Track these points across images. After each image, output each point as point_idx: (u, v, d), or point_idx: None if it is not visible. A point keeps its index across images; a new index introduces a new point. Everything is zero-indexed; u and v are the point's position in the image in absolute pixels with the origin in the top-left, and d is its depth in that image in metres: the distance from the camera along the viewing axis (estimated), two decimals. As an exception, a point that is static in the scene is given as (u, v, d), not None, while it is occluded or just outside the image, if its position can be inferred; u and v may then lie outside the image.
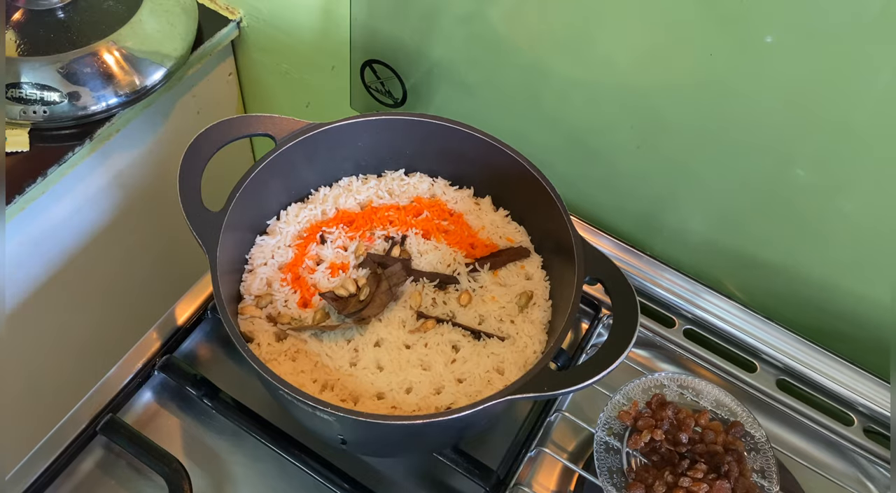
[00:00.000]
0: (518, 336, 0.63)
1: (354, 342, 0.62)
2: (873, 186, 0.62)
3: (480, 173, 0.71)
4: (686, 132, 0.68)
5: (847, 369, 0.71)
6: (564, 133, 0.76)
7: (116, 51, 0.79)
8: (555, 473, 0.66)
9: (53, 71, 0.76)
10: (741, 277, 0.76)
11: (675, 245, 0.78)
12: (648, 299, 0.76)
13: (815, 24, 0.55)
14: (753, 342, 0.73)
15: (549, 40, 0.70)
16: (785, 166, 0.65)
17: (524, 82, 0.75)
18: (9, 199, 0.74)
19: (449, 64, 0.79)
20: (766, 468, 0.61)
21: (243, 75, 1.03)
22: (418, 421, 0.52)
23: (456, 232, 0.69)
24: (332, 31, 0.87)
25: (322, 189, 0.71)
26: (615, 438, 0.62)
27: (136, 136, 0.89)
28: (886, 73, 0.54)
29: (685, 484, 0.58)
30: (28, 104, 0.76)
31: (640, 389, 0.65)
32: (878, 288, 0.68)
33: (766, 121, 0.62)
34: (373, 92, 0.87)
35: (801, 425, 0.71)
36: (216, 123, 0.64)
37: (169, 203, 0.68)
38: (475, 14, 0.72)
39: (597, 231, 0.79)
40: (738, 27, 0.58)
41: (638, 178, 0.75)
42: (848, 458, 0.69)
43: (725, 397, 0.65)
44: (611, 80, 0.69)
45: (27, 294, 0.86)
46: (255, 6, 0.92)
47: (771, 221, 0.70)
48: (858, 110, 0.57)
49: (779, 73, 0.59)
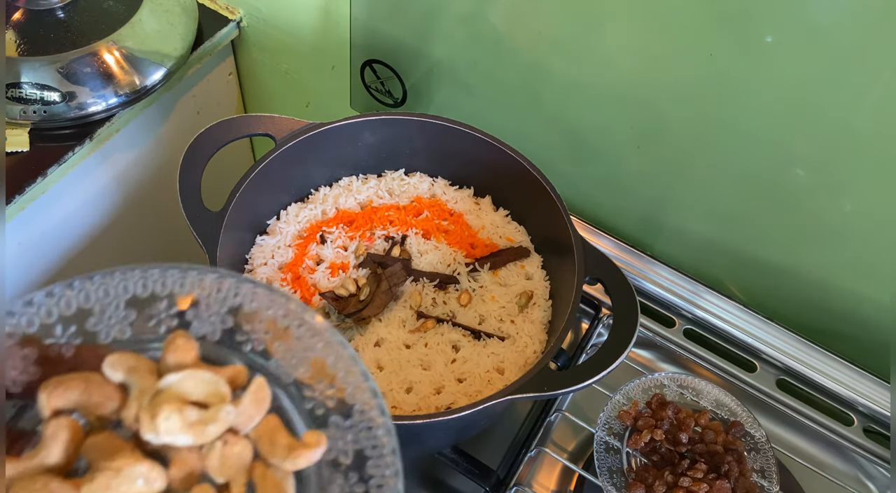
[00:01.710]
0: (518, 336, 0.63)
1: (354, 342, 0.62)
2: (873, 186, 0.61)
3: (480, 173, 0.71)
4: (686, 132, 0.68)
5: (847, 369, 0.71)
6: (564, 133, 0.76)
7: (116, 51, 0.79)
8: (555, 473, 0.66)
9: (53, 71, 0.76)
10: (741, 277, 0.76)
11: (676, 245, 0.78)
12: (648, 298, 0.76)
13: (815, 24, 0.54)
14: (753, 342, 0.73)
15: (549, 40, 0.70)
16: (785, 166, 0.65)
17: (524, 82, 0.75)
18: (8, 199, 0.74)
19: (449, 64, 0.79)
20: (766, 467, 0.61)
21: (243, 75, 1.03)
22: (418, 421, 0.52)
23: (456, 232, 0.69)
24: (332, 30, 0.87)
25: (322, 189, 0.71)
26: (615, 438, 0.62)
27: (135, 136, 0.88)
28: (886, 72, 0.54)
29: (685, 484, 0.58)
30: (28, 104, 0.76)
31: (640, 389, 0.65)
32: (878, 288, 0.68)
33: (766, 120, 0.62)
34: (373, 92, 0.87)
35: (801, 425, 0.71)
36: (216, 123, 0.64)
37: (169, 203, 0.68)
38: (475, 14, 0.72)
39: (597, 231, 0.79)
40: (739, 27, 0.58)
41: (638, 177, 0.75)
42: (848, 458, 0.69)
43: (725, 397, 0.65)
44: (611, 80, 0.69)
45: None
46: (255, 6, 0.92)
47: (771, 221, 0.70)
48: (859, 110, 0.57)
49: (779, 72, 0.59)
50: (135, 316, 0.30)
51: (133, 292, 0.30)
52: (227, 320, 0.31)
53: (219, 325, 0.31)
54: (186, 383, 0.28)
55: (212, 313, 0.31)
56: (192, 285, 0.31)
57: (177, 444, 0.27)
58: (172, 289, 0.31)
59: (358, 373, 0.30)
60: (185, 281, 0.31)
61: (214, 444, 0.27)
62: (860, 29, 0.53)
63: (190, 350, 0.29)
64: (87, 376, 0.28)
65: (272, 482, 0.27)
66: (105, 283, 0.30)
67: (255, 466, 0.28)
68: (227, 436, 0.28)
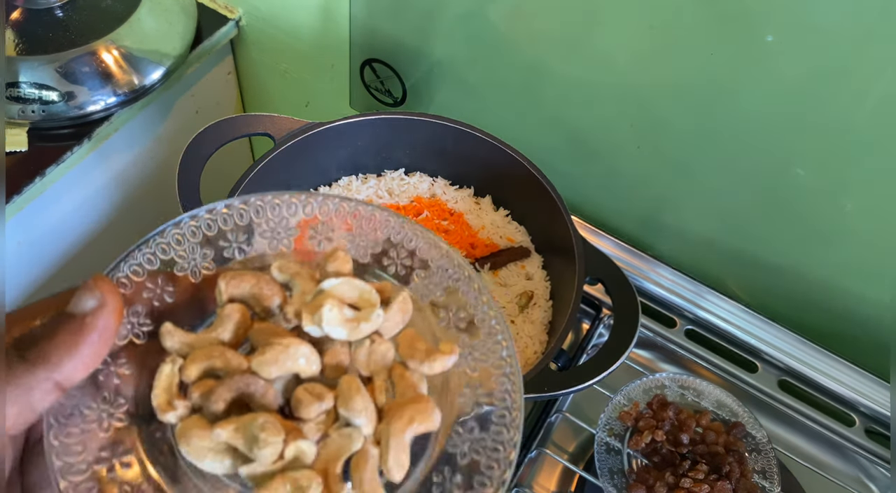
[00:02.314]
0: (518, 336, 0.63)
1: (354, 343, 0.62)
2: (874, 186, 0.61)
3: (480, 173, 0.70)
4: (687, 132, 0.68)
5: (849, 369, 0.71)
6: (565, 133, 0.76)
7: (115, 50, 0.79)
8: (555, 474, 0.66)
9: (52, 70, 0.76)
10: (742, 277, 0.76)
11: (677, 245, 0.78)
12: (649, 299, 0.76)
13: (816, 24, 0.54)
14: (755, 343, 0.73)
15: (550, 39, 0.69)
16: (786, 166, 0.64)
17: (524, 82, 0.74)
18: (7, 199, 0.73)
19: (449, 63, 0.78)
20: (767, 468, 0.61)
21: (242, 74, 1.03)
22: (418, 422, 0.52)
23: (456, 232, 0.69)
24: (331, 29, 0.87)
25: (321, 189, 0.71)
26: (616, 439, 0.62)
27: (134, 135, 0.88)
28: (888, 72, 0.54)
29: (686, 485, 0.57)
30: (26, 103, 0.76)
31: (641, 389, 0.65)
32: (879, 288, 0.68)
33: (767, 120, 0.62)
34: (372, 91, 0.87)
35: (802, 425, 0.70)
36: (215, 123, 0.64)
37: (168, 203, 0.68)
38: (475, 13, 0.72)
39: (597, 231, 0.78)
40: (739, 26, 0.58)
41: (638, 177, 0.75)
42: (849, 459, 0.69)
43: (727, 398, 0.64)
44: (611, 80, 0.69)
45: (27, 294, 0.86)
46: (254, 5, 0.91)
47: (772, 221, 0.70)
48: (860, 110, 0.57)
49: (780, 72, 0.58)
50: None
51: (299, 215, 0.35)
52: (377, 247, 0.35)
53: (369, 249, 0.35)
54: (343, 287, 0.32)
55: (364, 240, 0.36)
56: (348, 214, 0.36)
57: (332, 336, 0.31)
58: (321, 213, 0.36)
59: (485, 303, 0.33)
60: (342, 207, 0.35)
61: (363, 341, 0.31)
62: (861, 28, 0.53)
63: (347, 262, 0.33)
64: (257, 274, 0.32)
65: (409, 381, 0.31)
66: (268, 203, 0.35)
67: (395, 366, 0.31)
68: (375, 337, 0.31)
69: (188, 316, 0.32)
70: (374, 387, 0.31)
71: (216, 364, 0.30)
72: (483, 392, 0.32)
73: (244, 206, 0.35)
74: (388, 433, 0.29)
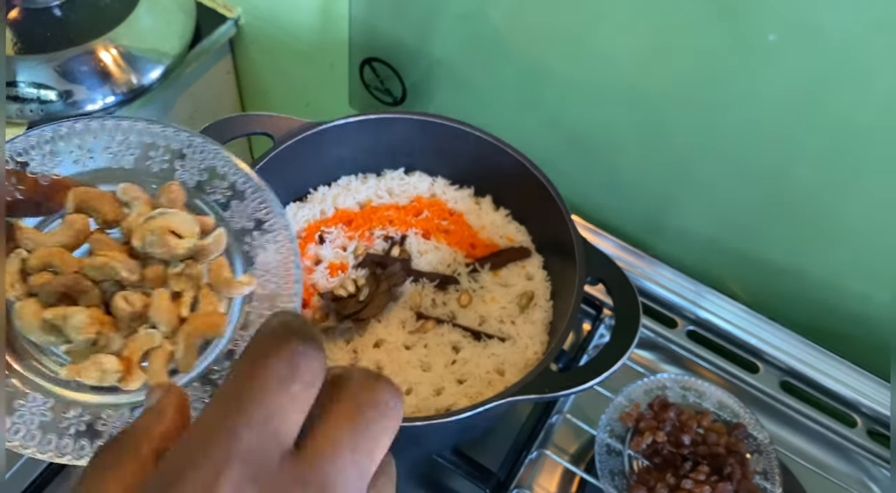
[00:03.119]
0: (519, 337, 0.62)
1: (354, 343, 0.62)
2: (876, 186, 0.61)
3: (481, 173, 0.70)
4: (688, 131, 0.68)
5: (850, 370, 0.71)
6: (565, 132, 0.76)
7: (113, 49, 0.78)
8: (556, 475, 0.65)
9: (50, 69, 0.75)
10: (744, 277, 0.76)
11: (678, 245, 0.78)
12: (650, 299, 0.75)
13: (819, 22, 0.54)
14: (756, 343, 0.73)
15: (550, 39, 0.69)
16: (787, 166, 0.64)
17: (524, 81, 0.74)
18: (5, 198, 0.73)
19: (449, 62, 0.78)
20: (768, 469, 0.61)
21: (241, 74, 1.03)
22: (418, 423, 0.52)
23: (456, 232, 0.68)
24: (330, 29, 0.87)
25: (321, 188, 0.71)
26: (617, 440, 0.62)
27: (133, 135, 0.88)
28: (890, 71, 0.53)
29: (687, 486, 0.57)
30: (24, 103, 0.75)
31: (642, 390, 0.65)
32: (881, 289, 0.68)
33: (768, 120, 0.62)
34: (372, 91, 0.87)
35: (804, 426, 0.70)
36: (214, 122, 0.64)
37: (166, 203, 0.67)
38: (475, 12, 0.71)
39: (598, 231, 0.78)
40: (741, 25, 0.58)
41: (639, 177, 0.74)
42: (851, 460, 0.69)
43: (728, 399, 0.64)
44: (612, 79, 0.68)
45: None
46: (254, 4, 0.91)
47: (773, 221, 0.69)
48: (862, 109, 0.57)
49: (782, 71, 0.58)
50: (139, 153, 0.44)
51: (145, 140, 0.44)
52: (203, 174, 0.44)
53: (196, 176, 0.44)
54: (171, 218, 0.39)
55: (194, 166, 0.44)
56: (184, 143, 0.45)
57: (153, 254, 0.38)
58: (170, 144, 0.45)
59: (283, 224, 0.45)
60: (181, 138, 0.45)
61: (180, 263, 0.39)
62: (864, 27, 0.53)
63: (179, 197, 0.41)
64: (104, 192, 0.40)
65: (210, 299, 0.40)
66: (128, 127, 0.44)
67: (203, 287, 0.40)
68: (190, 262, 0.39)
69: (31, 212, 0.40)
70: (182, 301, 0.39)
71: (54, 261, 0.37)
72: (271, 305, 0.41)
73: (91, 123, 0.43)
74: (181, 336, 0.38)
